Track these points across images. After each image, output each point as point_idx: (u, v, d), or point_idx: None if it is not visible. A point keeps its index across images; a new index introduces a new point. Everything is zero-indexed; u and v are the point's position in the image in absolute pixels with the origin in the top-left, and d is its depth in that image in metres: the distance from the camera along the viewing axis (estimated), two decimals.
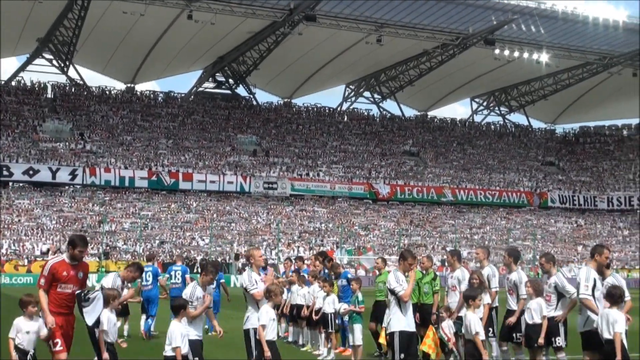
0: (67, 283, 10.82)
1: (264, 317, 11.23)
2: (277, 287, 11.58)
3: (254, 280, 11.76)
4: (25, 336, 10.77)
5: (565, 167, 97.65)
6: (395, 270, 11.85)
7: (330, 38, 76.11)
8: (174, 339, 10.65)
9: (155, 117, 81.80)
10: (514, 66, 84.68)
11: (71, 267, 10.88)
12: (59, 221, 63.66)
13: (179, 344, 10.62)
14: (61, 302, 10.87)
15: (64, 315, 10.93)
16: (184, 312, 10.95)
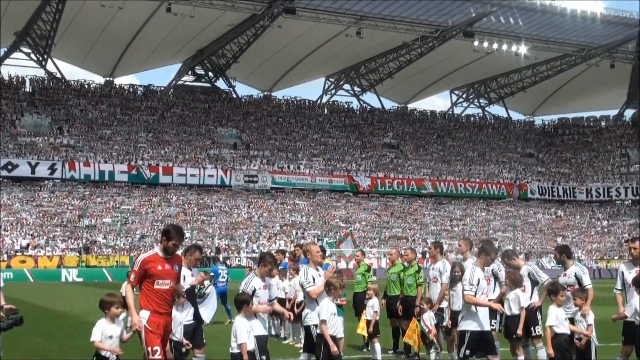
0: (164, 278, 9.81)
1: (324, 312, 10.83)
2: (337, 280, 11.10)
3: (310, 277, 11.33)
4: (108, 341, 9.90)
5: (544, 159, 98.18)
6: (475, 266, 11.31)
7: (310, 31, 76.08)
8: (239, 335, 10.21)
9: (135, 110, 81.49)
10: (493, 58, 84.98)
11: (165, 261, 9.83)
12: (38, 216, 63.37)
13: (244, 339, 10.19)
14: (161, 301, 9.82)
15: (164, 315, 9.87)
16: (247, 307, 10.40)
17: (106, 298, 10.04)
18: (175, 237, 9.82)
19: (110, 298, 10.01)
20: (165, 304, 9.85)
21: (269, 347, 16.56)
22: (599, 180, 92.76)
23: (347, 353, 15.22)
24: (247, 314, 10.39)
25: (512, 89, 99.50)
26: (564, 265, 11.88)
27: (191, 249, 12.29)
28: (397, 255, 16.53)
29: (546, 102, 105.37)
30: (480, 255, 11.24)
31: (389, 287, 15.74)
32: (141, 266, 9.82)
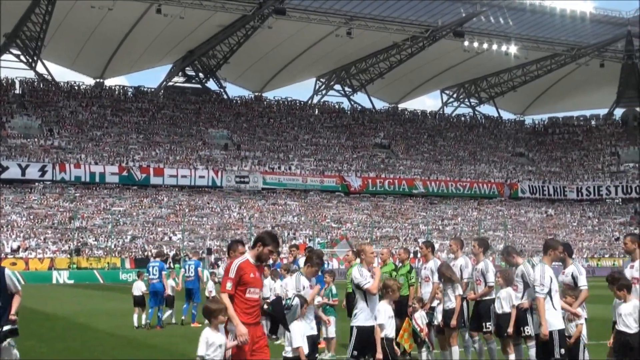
0: (256, 287, 9.26)
1: (381, 315, 10.41)
2: (394, 283, 10.88)
3: (365, 274, 10.90)
4: (218, 351, 9.09)
5: (534, 158, 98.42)
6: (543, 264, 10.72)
7: (300, 31, 76.12)
8: (295, 339, 9.86)
9: (125, 112, 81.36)
10: (483, 58, 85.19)
11: (256, 269, 9.31)
12: (29, 218, 63.19)
13: (300, 343, 9.83)
14: (251, 310, 9.23)
15: (253, 325, 9.26)
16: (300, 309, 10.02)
17: (213, 306, 9.20)
18: (272, 244, 9.39)
19: (217, 305, 9.21)
20: (254, 314, 9.31)
21: None
22: (589, 179, 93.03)
23: (340, 352, 15.25)
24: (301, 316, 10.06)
25: (503, 89, 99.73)
26: (564, 263, 11.85)
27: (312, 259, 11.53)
28: (388, 255, 16.55)
29: (536, 102, 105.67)
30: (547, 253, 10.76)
31: None
32: (237, 273, 9.19)
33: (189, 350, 16.26)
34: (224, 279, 9.20)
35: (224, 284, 9.13)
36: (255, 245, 9.31)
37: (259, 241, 9.32)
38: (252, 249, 9.35)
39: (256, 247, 9.31)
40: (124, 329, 21.05)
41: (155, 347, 16.80)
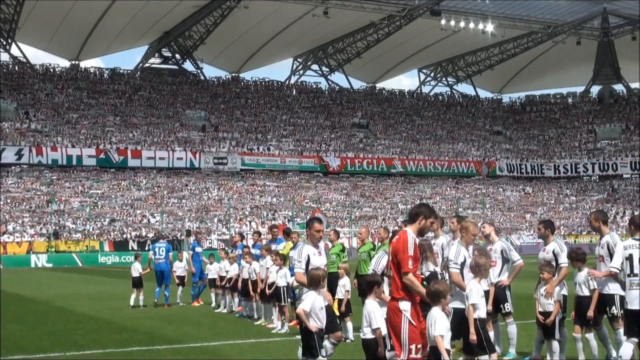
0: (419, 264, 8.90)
1: (474, 295, 9.81)
2: (486, 261, 10.26)
3: (462, 255, 10.30)
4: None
5: (512, 136, 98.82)
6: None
7: (277, 11, 75.80)
8: (374, 320, 9.32)
9: (102, 94, 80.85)
10: (460, 36, 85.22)
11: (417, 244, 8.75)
12: (6, 202, 62.74)
13: (380, 324, 9.30)
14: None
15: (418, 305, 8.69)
16: (378, 289, 9.56)
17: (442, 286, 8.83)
18: (432, 215, 8.92)
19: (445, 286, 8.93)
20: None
21: (242, 329, 16.67)
22: (566, 157, 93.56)
23: None
24: (378, 296, 9.58)
25: (480, 67, 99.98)
26: (545, 240, 11.88)
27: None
28: (367, 234, 16.60)
29: (513, 80, 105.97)
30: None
31: (360, 267, 15.81)
32: (415, 249, 8.56)
33: (169, 333, 16.28)
34: (403, 257, 8.44)
35: (406, 263, 8.41)
36: (416, 220, 8.73)
37: (420, 215, 8.75)
38: (412, 224, 8.76)
39: (417, 221, 8.73)
40: (104, 311, 21.02)
41: (136, 330, 16.78)
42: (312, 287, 10.01)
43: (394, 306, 8.43)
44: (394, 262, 8.49)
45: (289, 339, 14.96)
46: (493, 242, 12.61)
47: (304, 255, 10.78)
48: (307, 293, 10.12)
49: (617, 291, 10.79)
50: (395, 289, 8.45)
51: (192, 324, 17.76)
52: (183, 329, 16.86)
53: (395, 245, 8.55)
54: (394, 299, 8.48)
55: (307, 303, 9.85)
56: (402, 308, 8.36)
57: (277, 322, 16.31)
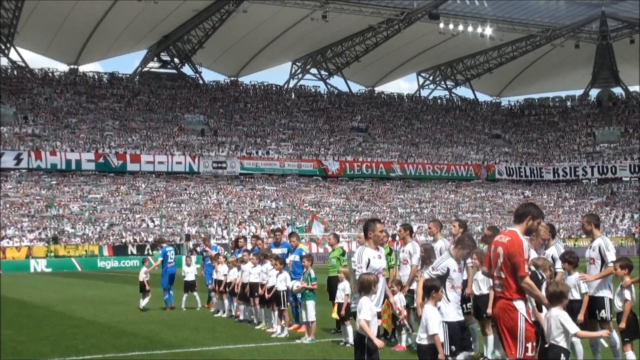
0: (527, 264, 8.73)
1: None
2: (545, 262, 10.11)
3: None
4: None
5: (511, 140, 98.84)
6: None
7: (276, 15, 75.84)
8: (431, 325, 9.20)
9: (101, 98, 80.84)
10: (459, 40, 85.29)
11: None
12: (5, 206, 62.68)
13: (437, 330, 9.21)
14: None
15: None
16: (436, 293, 9.44)
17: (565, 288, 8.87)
18: (540, 215, 8.74)
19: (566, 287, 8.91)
20: None
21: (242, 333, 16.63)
22: (565, 160, 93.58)
23: (320, 336, 15.28)
24: (436, 301, 9.48)
25: (478, 71, 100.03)
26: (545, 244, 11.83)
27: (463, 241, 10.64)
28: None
29: (512, 83, 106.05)
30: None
31: None
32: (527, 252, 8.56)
33: (169, 337, 16.24)
34: (520, 260, 8.30)
35: (523, 267, 8.32)
36: (523, 219, 8.58)
37: (527, 214, 8.61)
38: (519, 224, 8.62)
39: (525, 221, 8.58)
40: (104, 316, 20.98)
41: (135, 335, 16.75)
42: (364, 293, 9.54)
43: (508, 305, 8.33)
44: (507, 264, 8.38)
45: (288, 343, 14.93)
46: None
47: (365, 259, 10.49)
48: (360, 300, 9.52)
49: (608, 294, 10.81)
50: (508, 290, 8.35)
51: (191, 329, 17.73)
52: (182, 334, 16.83)
53: (510, 248, 8.40)
54: (506, 298, 8.36)
55: (367, 311, 9.33)
56: (517, 307, 8.29)
57: (277, 327, 16.28)
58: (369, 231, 10.60)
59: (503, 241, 8.51)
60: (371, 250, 10.59)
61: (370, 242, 10.60)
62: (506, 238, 8.49)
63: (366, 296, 9.49)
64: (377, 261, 10.58)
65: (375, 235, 10.61)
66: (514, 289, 8.30)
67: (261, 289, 17.04)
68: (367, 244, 10.59)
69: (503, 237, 8.56)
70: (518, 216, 8.62)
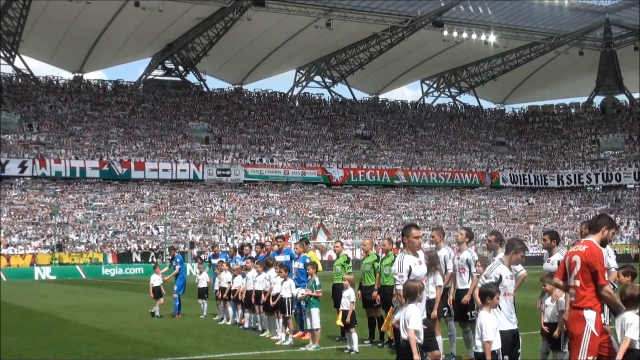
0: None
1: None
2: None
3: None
4: None
5: (515, 147, 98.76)
6: None
7: (280, 23, 75.94)
8: (486, 332, 9.08)
9: (105, 106, 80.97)
10: (463, 47, 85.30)
11: None
12: (9, 214, 62.79)
13: (491, 337, 9.08)
14: None
15: None
16: (491, 300, 9.30)
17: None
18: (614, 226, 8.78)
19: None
20: None
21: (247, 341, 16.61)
22: (569, 167, 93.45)
23: (324, 344, 15.26)
24: (491, 307, 9.35)
25: (482, 78, 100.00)
26: (550, 251, 11.78)
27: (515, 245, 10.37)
28: (370, 245, 16.56)
29: (516, 90, 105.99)
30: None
31: (364, 278, 15.77)
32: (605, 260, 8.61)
33: (173, 344, 16.24)
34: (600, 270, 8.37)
35: (603, 276, 8.40)
36: (599, 230, 8.67)
37: (603, 225, 8.66)
38: (595, 234, 8.69)
39: (600, 231, 8.66)
40: (108, 323, 20.98)
41: (139, 342, 16.76)
42: (409, 300, 9.35)
43: (577, 315, 8.40)
44: (584, 273, 8.43)
45: (293, 351, 14.92)
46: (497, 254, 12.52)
47: (406, 267, 10.11)
48: (407, 309, 9.35)
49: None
50: (581, 299, 8.40)
51: (195, 336, 17.72)
52: (186, 341, 16.83)
53: (589, 257, 8.45)
54: (578, 307, 8.42)
55: (417, 321, 9.18)
56: (586, 317, 8.31)
57: (282, 334, 16.27)
58: (404, 236, 10.36)
59: (581, 250, 8.57)
60: (411, 257, 10.27)
61: (407, 248, 10.31)
62: (584, 247, 8.56)
63: (412, 304, 9.34)
64: (419, 268, 10.29)
65: (409, 241, 10.31)
66: (586, 298, 8.35)
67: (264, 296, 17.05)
68: (406, 251, 10.31)
69: (580, 247, 8.63)
70: (594, 227, 8.72)
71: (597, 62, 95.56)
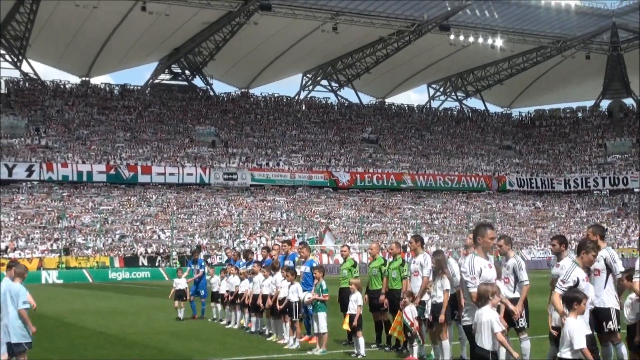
0: None
1: None
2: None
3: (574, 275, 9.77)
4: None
5: (522, 151, 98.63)
6: None
7: (286, 27, 76.00)
8: (577, 339, 8.79)
9: (112, 110, 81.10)
10: (470, 51, 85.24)
11: None
12: (16, 218, 62.91)
13: (583, 344, 8.78)
14: None
15: None
16: (578, 305, 8.99)
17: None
18: None
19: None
20: None
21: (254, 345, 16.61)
22: (576, 171, 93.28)
23: (331, 348, 15.24)
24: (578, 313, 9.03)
25: (489, 82, 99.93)
26: (558, 256, 11.71)
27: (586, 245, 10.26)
28: (377, 249, 16.52)
29: (523, 94, 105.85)
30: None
31: (371, 282, 15.75)
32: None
33: (179, 348, 16.23)
34: None
35: None
36: None
37: None
38: None
39: None
40: (114, 327, 20.99)
41: (146, 346, 16.76)
42: (482, 304, 9.11)
43: None
44: None
45: (300, 355, 14.90)
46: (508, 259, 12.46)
47: (477, 269, 9.78)
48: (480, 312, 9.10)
49: (614, 305, 10.71)
50: None
51: (201, 340, 17.71)
52: (192, 345, 16.82)
53: None
54: None
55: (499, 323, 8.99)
56: None
57: (289, 338, 16.25)
58: (478, 237, 9.94)
59: None
60: (481, 259, 9.93)
61: (479, 249, 9.98)
62: None
63: (487, 306, 9.10)
64: (489, 271, 9.97)
65: (484, 241, 9.96)
66: None
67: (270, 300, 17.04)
68: (477, 252, 9.95)
69: None
70: None
71: (603, 65, 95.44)
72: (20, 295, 11.61)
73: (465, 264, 10.05)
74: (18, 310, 11.50)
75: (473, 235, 10.21)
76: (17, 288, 11.64)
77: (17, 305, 11.52)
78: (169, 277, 56.15)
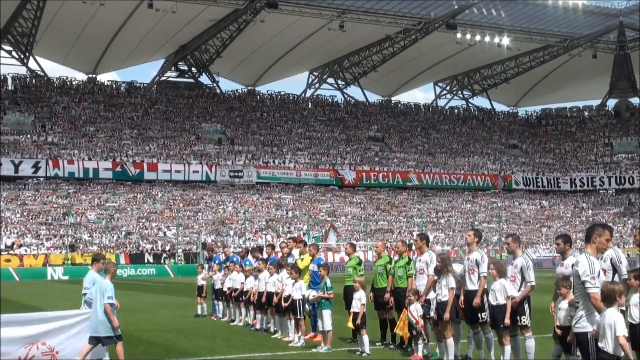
0: None
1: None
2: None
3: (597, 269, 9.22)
4: None
5: (528, 150, 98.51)
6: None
7: (293, 25, 76.01)
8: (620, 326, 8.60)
9: (118, 107, 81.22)
10: (476, 50, 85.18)
11: None
12: (22, 214, 63.07)
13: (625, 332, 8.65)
14: None
15: None
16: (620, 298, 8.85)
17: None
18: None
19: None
20: None
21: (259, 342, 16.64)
22: (582, 170, 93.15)
23: (336, 345, 15.27)
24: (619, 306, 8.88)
25: (495, 81, 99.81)
26: (563, 255, 11.67)
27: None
28: (383, 247, 16.54)
29: (529, 93, 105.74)
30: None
31: (376, 280, 15.78)
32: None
33: (185, 345, 16.28)
34: None
35: None
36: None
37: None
38: None
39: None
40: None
41: (152, 343, 16.81)
42: (607, 304, 8.74)
43: None
44: None
45: (305, 352, 14.93)
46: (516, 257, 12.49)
47: (597, 270, 9.16)
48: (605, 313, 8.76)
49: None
50: None
51: (207, 337, 17.75)
52: (198, 342, 16.86)
53: None
54: None
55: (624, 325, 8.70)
56: None
57: (294, 336, 16.28)
58: (594, 235, 9.48)
59: None
60: (596, 260, 9.42)
61: (593, 248, 9.49)
62: None
63: (612, 308, 8.75)
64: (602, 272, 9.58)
65: (600, 241, 9.52)
66: None
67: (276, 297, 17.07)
68: (589, 251, 9.41)
69: None
70: None
71: (610, 65, 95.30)
72: (107, 290, 12.87)
73: (584, 264, 9.23)
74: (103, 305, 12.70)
75: (588, 233, 9.70)
76: (106, 284, 12.95)
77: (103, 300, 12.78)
78: (174, 274, 56.38)
